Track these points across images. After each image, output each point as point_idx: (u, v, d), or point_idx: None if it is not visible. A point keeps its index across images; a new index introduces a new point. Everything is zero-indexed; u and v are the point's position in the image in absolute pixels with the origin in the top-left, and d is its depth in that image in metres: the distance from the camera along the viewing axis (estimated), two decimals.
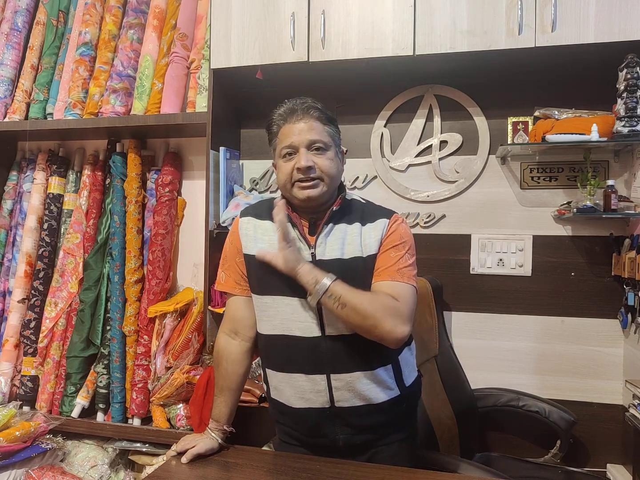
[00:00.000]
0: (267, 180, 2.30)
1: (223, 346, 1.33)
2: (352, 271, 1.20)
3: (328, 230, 1.23)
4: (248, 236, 1.27)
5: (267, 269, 1.19)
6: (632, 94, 1.70)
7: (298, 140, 1.20)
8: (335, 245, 1.21)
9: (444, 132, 2.13)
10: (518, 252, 2.06)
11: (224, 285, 1.32)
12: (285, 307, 1.21)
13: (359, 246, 1.22)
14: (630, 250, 1.85)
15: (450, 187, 2.12)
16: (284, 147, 1.21)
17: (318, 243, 1.21)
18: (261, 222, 1.27)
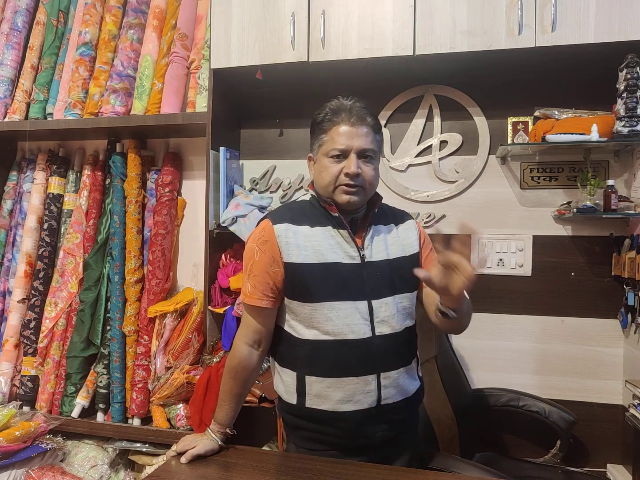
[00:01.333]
0: (267, 180, 2.30)
1: (246, 357, 1.29)
2: (399, 270, 1.26)
3: (372, 233, 1.27)
4: (290, 244, 1.21)
5: (319, 276, 1.20)
6: (632, 94, 1.70)
7: (351, 144, 1.19)
8: (380, 246, 1.26)
9: (444, 132, 2.13)
10: (518, 252, 2.06)
11: (250, 298, 1.25)
12: (338, 312, 1.20)
13: (400, 246, 1.29)
14: (630, 250, 1.85)
15: (450, 187, 2.12)
16: (335, 149, 1.20)
17: (365, 245, 1.24)
18: (299, 228, 1.23)
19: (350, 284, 1.21)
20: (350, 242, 1.23)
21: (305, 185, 2.24)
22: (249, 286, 1.25)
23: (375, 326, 1.22)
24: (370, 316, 1.22)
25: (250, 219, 2.00)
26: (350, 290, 1.20)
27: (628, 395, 1.81)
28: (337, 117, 1.21)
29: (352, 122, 1.20)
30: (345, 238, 1.23)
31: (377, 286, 1.23)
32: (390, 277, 1.24)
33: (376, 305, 1.22)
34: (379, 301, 1.23)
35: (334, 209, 1.23)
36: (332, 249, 1.22)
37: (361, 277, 1.22)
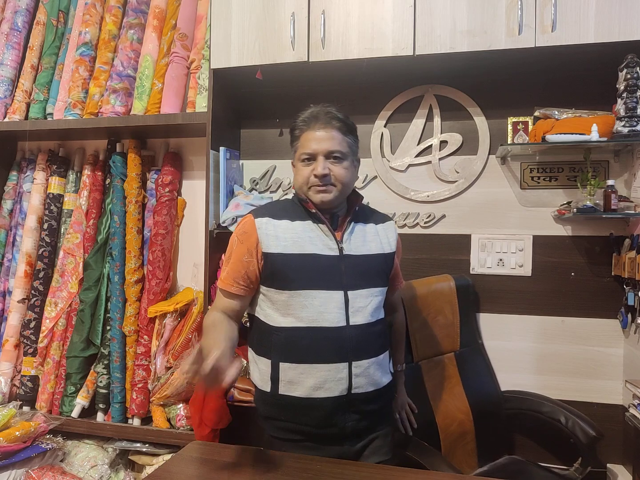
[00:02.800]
0: (267, 180, 2.30)
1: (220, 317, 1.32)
2: (376, 266, 1.36)
3: (351, 228, 1.35)
4: (269, 235, 1.29)
5: (298, 265, 1.27)
6: (632, 94, 1.70)
7: (317, 148, 1.28)
8: (358, 241, 1.34)
9: (444, 132, 2.13)
10: (518, 252, 2.06)
11: (223, 282, 1.34)
12: (313, 300, 1.26)
13: (379, 244, 1.38)
14: (630, 250, 1.85)
15: (450, 187, 2.12)
16: (304, 153, 1.29)
17: (344, 239, 1.32)
18: (279, 222, 1.31)
19: (328, 274, 1.28)
20: (329, 236, 1.31)
21: None
22: (224, 272, 1.35)
23: (350, 316, 1.28)
24: (346, 306, 1.28)
25: None
26: (327, 280, 1.28)
27: (628, 395, 1.81)
28: (305, 124, 1.31)
29: (318, 126, 1.29)
30: (325, 232, 1.31)
31: (353, 278, 1.30)
32: (367, 270, 1.32)
33: (352, 296, 1.29)
34: (354, 292, 1.29)
35: (310, 205, 1.31)
36: (311, 241, 1.29)
37: (339, 268, 1.29)
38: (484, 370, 1.97)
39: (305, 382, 1.27)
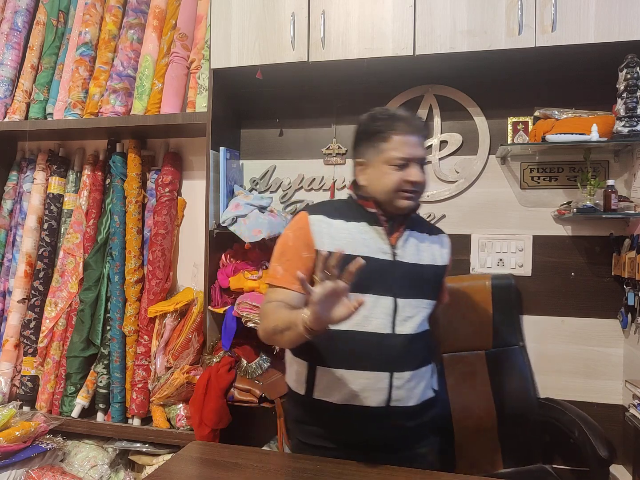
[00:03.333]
0: (267, 180, 2.30)
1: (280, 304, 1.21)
2: (426, 277, 1.30)
3: (407, 235, 1.30)
4: (322, 233, 1.24)
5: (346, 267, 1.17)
6: (632, 94, 1.70)
7: (414, 154, 1.24)
8: (412, 250, 1.29)
9: (444, 132, 2.13)
10: (518, 252, 2.06)
11: (281, 280, 1.24)
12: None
13: (432, 255, 1.33)
14: (630, 250, 1.85)
15: (450, 187, 2.12)
16: (399, 158, 1.23)
17: (399, 245, 1.27)
18: (333, 221, 1.27)
19: (379, 279, 1.23)
20: (384, 239, 1.26)
21: (306, 186, 2.24)
22: (280, 269, 1.26)
23: (397, 324, 1.23)
24: (394, 313, 1.23)
25: (250, 219, 2.00)
26: (378, 285, 1.23)
27: (628, 395, 1.81)
28: (398, 125, 1.23)
29: (414, 132, 1.24)
30: (380, 234, 1.26)
31: (404, 285, 1.25)
32: (418, 280, 1.27)
33: (401, 303, 1.24)
34: (405, 300, 1.25)
35: (370, 204, 1.27)
36: (364, 242, 1.25)
37: (390, 274, 1.24)
38: (520, 373, 1.92)
39: (342, 388, 1.22)
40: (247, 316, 1.91)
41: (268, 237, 1.96)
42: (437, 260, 1.34)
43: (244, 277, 2.01)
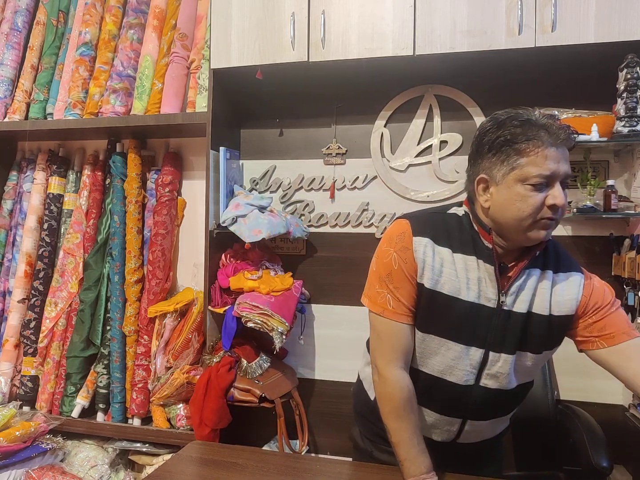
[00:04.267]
0: (267, 180, 2.30)
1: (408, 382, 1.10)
2: (536, 327, 1.07)
3: (524, 278, 1.06)
4: (426, 263, 1.05)
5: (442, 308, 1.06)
6: (632, 94, 1.70)
7: (558, 171, 0.97)
8: (526, 296, 1.06)
9: (444, 132, 2.13)
10: None
11: (393, 312, 1.08)
12: (447, 352, 1.08)
13: (547, 302, 1.07)
14: (630, 250, 1.85)
15: (450, 187, 2.12)
16: (540, 176, 0.97)
17: (510, 291, 1.05)
18: (440, 249, 1.06)
19: (473, 328, 1.06)
20: (493, 282, 1.05)
21: (306, 186, 2.24)
22: (390, 299, 1.08)
23: (482, 377, 1.09)
24: (481, 367, 1.08)
25: (250, 219, 2.00)
26: (471, 334, 1.06)
27: (628, 395, 1.81)
28: (537, 135, 0.97)
29: (559, 142, 0.97)
30: (490, 275, 1.05)
31: (503, 338, 1.06)
32: (522, 332, 1.06)
33: (492, 357, 1.07)
34: (497, 355, 1.07)
35: (488, 237, 1.04)
36: (468, 283, 1.05)
37: (489, 323, 1.06)
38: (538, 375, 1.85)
39: None
40: (247, 316, 1.91)
41: (268, 237, 1.96)
42: (557, 308, 1.07)
43: (244, 277, 2.01)
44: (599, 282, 1.12)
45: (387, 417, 1.09)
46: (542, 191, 0.98)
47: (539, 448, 1.81)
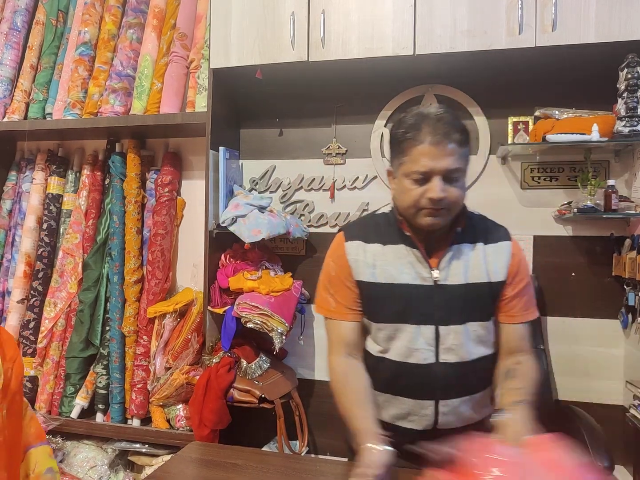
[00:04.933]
0: (267, 180, 2.29)
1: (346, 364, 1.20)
2: (477, 297, 1.15)
3: (453, 253, 1.15)
4: (359, 262, 1.18)
5: (386, 297, 1.16)
6: (632, 93, 1.70)
7: (435, 166, 1.05)
8: (459, 268, 1.15)
9: None
10: None
11: (335, 312, 1.21)
12: (402, 334, 1.16)
13: (484, 270, 1.15)
14: (630, 250, 1.85)
15: None
16: (417, 172, 1.07)
17: (441, 267, 1.14)
18: (370, 246, 1.18)
19: (418, 307, 1.14)
20: (423, 263, 1.15)
21: (306, 186, 2.24)
22: (331, 301, 1.21)
23: (440, 353, 1.15)
24: (436, 342, 1.14)
25: (250, 219, 2.00)
26: (417, 314, 1.14)
27: (629, 396, 1.81)
28: (418, 134, 1.06)
29: (436, 140, 1.05)
30: (418, 258, 1.15)
31: (447, 311, 1.14)
32: (464, 303, 1.14)
33: (444, 331, 1.14)
34: (447, 327, 1.14)
35: (405, 227, 1.16)
36: (402, 269, 1.15)
37: (431, 300, 1.14)
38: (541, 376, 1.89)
39: (388, 410, 1.20)
40: (246, 316, 1.90)
41: (268, 237, 1.96)
42: (492, 275, 1.15)
43: (243, 277, 2.01)
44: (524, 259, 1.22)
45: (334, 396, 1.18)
46: (423, 185, 1.07)
47: None
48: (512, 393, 1.09)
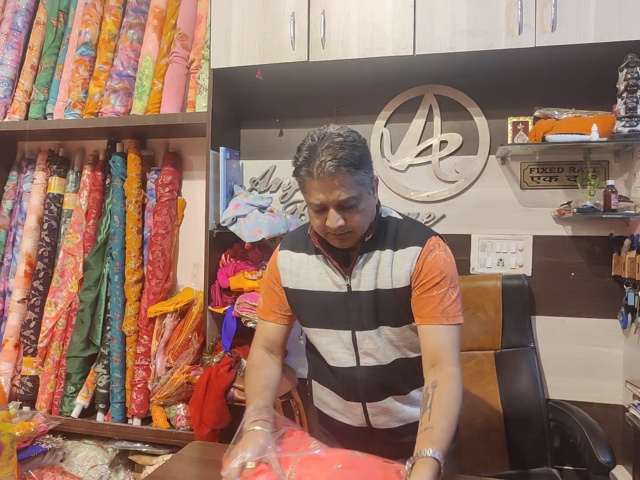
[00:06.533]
0: (267, 180, 2.30)
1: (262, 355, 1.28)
2: (383, 303, 1.17)
3: (362, 261, 1.18)
4: (285, 269, 1.25)
5: (306, 303, 1.23)
6: (632, 94, 1.70)
7: (326, 200, 1.08)
8: (369, 275, 1.17)
9: (444, 132, 2.13)
10: (518, 252, 2.05)
11: (260, 311, 1.32)
12: (322, 339, 1.23)
13: (389, 277, 1.17)
14: (630, 250, 1.85)
15: (450, 187, 2.12)
16: (313, 205, 1.11)
17: (353, 274, 1.18)
18: (297, 255, 1.25)
19: (335, 313, 1.20)
20: (336, 271, 1.19)
21: None
22: (261, 300, 1.32)
23: (360, 357, 1.21)
24: (354, 347, 1.20)
25: (250, 219, 2.00)
26: (334, 319, 1.20)
27: (628, 396, 1.81)
28: (308, 168, 1.07)
29: (324, 175, 1.05)
30: (332, 267, 1.19)
31: (361, 317, 1.18)
32: (374, 308, 1.17)
33: (359, 336, 1.19)
34: (362, 333, 1.19)
35: (315, 241, 1.20)
36: (320, 277, 1.21)
37: (346, 306, 1.19)
38: (528, 375, 1.90)
39: (329, 404, 1.30)
40: (247, 316, 1.91)
41: (268, 237, 1.96)
42: (395, 281, 1.16)
43: (243, 277, 2.01)
44: (435, 258, 1.15)
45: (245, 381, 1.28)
46: (323, 213, 1.11)
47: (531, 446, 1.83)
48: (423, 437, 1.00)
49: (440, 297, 1.13)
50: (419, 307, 1.15)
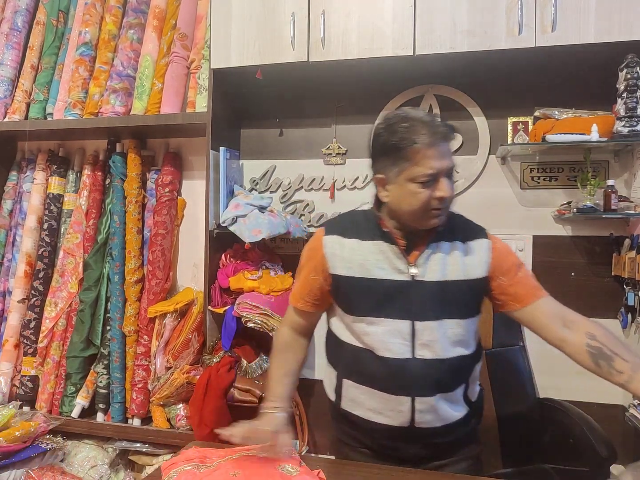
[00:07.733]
0: (267, 180, 2.30)
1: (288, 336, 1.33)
2: (456, 294, 1.16)
3: (431, 251, 1.16)
4: (335, 255, 1.19)
5: (362, 291, 1.17)
6: (632, 94, 1.70)
7: (441, 166, 1.07)
8: (436, 265, 1.15)
9: None
10: (518, 252, 2.05)
11: (292, 298, 1.32)
12: (377, 328, 1.16)
13: (462, 267, 1.16)
14: (630, 250, 1.85)
15: None
16: (425, 175, 1.07)
17: (419, 263, 1.15)
18: (348, 241, 1.19)
19: (394, 302, 1.15)
20: (401, 258, 1.15)
21: (306, 186, 2.24)
22: (296, 286, 1.31)
23: (416, 348, 1.15)
24: (412, 337, 1.15)
25: (250, 219, 2.00)
26: (393, 308, 1.15)
27: (628, 395, 1.81)
28: (418, 137, 1.07)
29: (439, 140, 1.08)
30: (397, 254, 1.16)
31: (423, 307, 1.15)
32: (440, 299, 1.15)
33: (419, 327, 1.14)
34: (423, 323, 1.14)
35: (384, 224, 1.18)
36: (379, 264, 1.16)
37: (408, 295, 1.15)
38: (520, 373, 1.92)
39: (365, 403, 1.21)
40: (247, 316, 1.91)
41: (268, 237, 1.96)
42: (470, 272, 1.16)
43: (244, 277, 2.01)
44: (502, 246, 1.22)
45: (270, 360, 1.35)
46: (430, 187, 1.08)
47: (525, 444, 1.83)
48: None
49: (527, 276, 1.20)
50: (514, 293, 1.17)
